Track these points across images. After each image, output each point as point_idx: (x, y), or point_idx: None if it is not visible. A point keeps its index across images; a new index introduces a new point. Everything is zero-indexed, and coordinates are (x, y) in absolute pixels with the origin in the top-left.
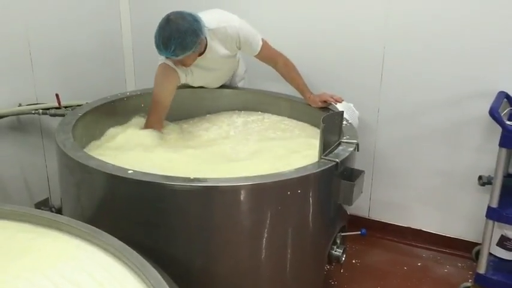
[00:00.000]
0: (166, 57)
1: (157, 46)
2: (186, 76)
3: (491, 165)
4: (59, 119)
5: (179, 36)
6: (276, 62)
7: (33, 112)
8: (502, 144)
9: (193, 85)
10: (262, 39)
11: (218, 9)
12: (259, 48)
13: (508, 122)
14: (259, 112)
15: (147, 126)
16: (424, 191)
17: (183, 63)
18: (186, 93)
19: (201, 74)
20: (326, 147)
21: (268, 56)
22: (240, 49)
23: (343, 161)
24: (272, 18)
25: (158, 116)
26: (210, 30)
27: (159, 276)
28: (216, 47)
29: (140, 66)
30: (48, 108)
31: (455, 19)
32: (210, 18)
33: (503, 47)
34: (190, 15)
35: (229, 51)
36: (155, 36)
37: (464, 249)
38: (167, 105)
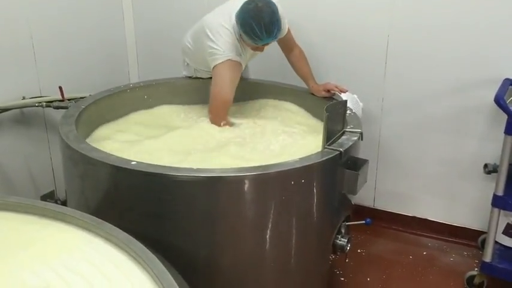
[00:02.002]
0: (262, 45)
1: (259, 36)
2: (244, 64)
3: (497, 153)
4: (63, 111)
5: (277, 19)
6: (292, 50)
7: (36, 105)
8: (508, 131)
9: None
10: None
11: None
12: (286, 31)
13: None
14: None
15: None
16: (429, 180)
17: (263, 49)
18: None
19: (246, 59)
20: (330, 136)
21: (289, 40)
22: None
23: (347, 150)
24: None
25: (226, 114)
26: None
27: (163, 267)
28: None
29: (143, 58)
30: (51, 101)
31: (459, 7)
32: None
33: (508, 34)
34: None
35: None
36: (252, 29)
37: (470, 238)
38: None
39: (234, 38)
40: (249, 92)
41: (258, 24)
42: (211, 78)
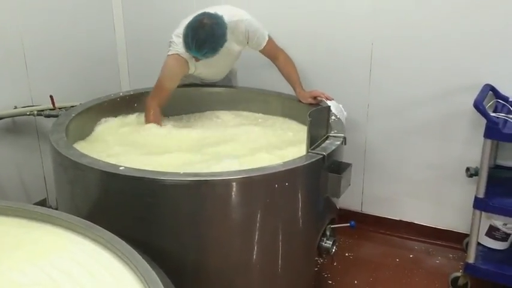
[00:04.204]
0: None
1: (189, 47)
2: (195, 68)
3: (479, 156)
4: (54, 119)
5: (213, 41)
6: (277, 57)
7: (28, 114)
8: (487, 135)
9: (199, 76)
10: (268, 35)
11: (227, 5)
12: (264, 43)
13: (493, 114)
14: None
15: (148, 109)
16: (414, 185)
17: (198, 59)
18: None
19: (207, 67)
20: (313, 141)
21: (271, 51)
22: (247, 43)
23: (330, 154)
24: (261, 14)
25: (160, 100)
26: None
27: (149, 266)
28: (229, 42)
29: (134, 67)
30: (43, 110)
31: (442, 14)
32: (222, 13)
33: (488, 40)
34: (220, 18)
35: (238, 46)
36: (187, 38)
37: (455, 240)
38: (170, 92)
39: None
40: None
41: (192, 38)
42: (203, 86)
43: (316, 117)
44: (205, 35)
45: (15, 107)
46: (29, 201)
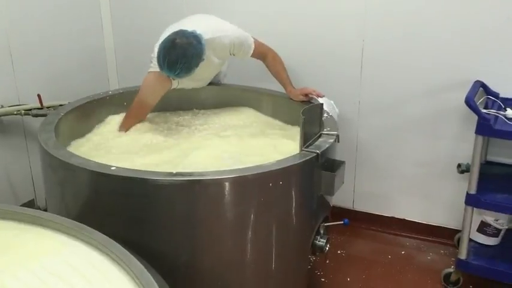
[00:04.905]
0: None
1: (161, 67)
2: (178, 83)
3: (470, 153)
4: (42, 119)
5: (186, 61)
6: (265, 57)
7: (15, 113)
8: (478, 131)
9: (182, 88)
10: (253, 39)
11: (210, 16)
12: (251, 52)
13: (484, 110)
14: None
15: (125, 127)
16: (406, 181)
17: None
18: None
19: (190, 80)
20: (307, 139)
21: (259, 53)
22: (234, 55)
23: (324, 152)
24: (251, 13)
25: (139, 119)
26: (205, 40)
27: (142, 267)
28: (210, 57)
29: (123, 65)
30: (30, 109)
31: (432, 11)
32: (205, 28)
33: (479, 37)
34: (195, 37)
35: (220, 60)
36: (159, 57)
37: (447, 236)
38: (150, 110)
39: None
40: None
41: (163, 58)
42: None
43: (309, 115)
44: (176, 55)
45: (2, 106)
46: (17, 202)
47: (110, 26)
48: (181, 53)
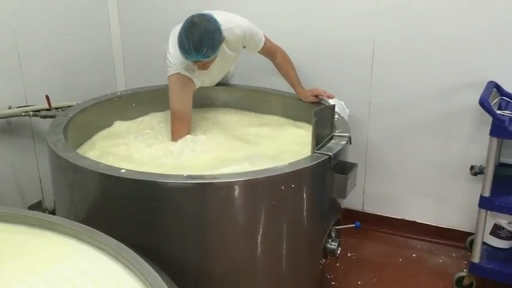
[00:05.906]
0: (193, 62)
1: (187, 51)
2: (198, 81)
3: (483, 154)
4: (50, 120)
5: (210, 37)
6: (275, 55)
7: (23, 114)
8: (493, 133)
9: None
10: (264, 35)
11: (219, 11)
12: (262, 44)
13: (498, 112)
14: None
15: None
16: (417, 183)
17: (205, 67)
18: None
19: (207, 75)
20: (319, 141)
21: (269, 50)
22: (245, 47)
23: (336, 155)
24: (262, 12)
25: (187, 129)
26: None
27: (156, 274)
28: (223, 48)
29: (130, 66)
30: (38, 110)
31: (444, 10)
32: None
33: (492, 37)
34: (210, 15)
35: (233, 52)
36: (183, 43)
37: (459, 239)
38: (191, 116)
39: None
40: None
41: (187, 40)
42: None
43: (321, 116)
44: (199, 33)
45: (10, 107)
46: (24, 203)
47: (118, 27)
48: (203, 29)
